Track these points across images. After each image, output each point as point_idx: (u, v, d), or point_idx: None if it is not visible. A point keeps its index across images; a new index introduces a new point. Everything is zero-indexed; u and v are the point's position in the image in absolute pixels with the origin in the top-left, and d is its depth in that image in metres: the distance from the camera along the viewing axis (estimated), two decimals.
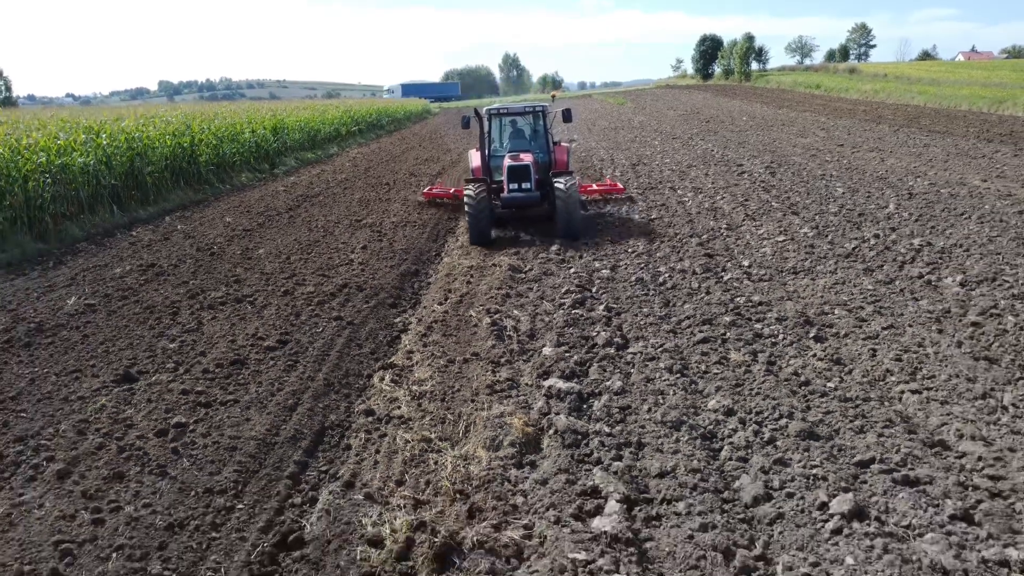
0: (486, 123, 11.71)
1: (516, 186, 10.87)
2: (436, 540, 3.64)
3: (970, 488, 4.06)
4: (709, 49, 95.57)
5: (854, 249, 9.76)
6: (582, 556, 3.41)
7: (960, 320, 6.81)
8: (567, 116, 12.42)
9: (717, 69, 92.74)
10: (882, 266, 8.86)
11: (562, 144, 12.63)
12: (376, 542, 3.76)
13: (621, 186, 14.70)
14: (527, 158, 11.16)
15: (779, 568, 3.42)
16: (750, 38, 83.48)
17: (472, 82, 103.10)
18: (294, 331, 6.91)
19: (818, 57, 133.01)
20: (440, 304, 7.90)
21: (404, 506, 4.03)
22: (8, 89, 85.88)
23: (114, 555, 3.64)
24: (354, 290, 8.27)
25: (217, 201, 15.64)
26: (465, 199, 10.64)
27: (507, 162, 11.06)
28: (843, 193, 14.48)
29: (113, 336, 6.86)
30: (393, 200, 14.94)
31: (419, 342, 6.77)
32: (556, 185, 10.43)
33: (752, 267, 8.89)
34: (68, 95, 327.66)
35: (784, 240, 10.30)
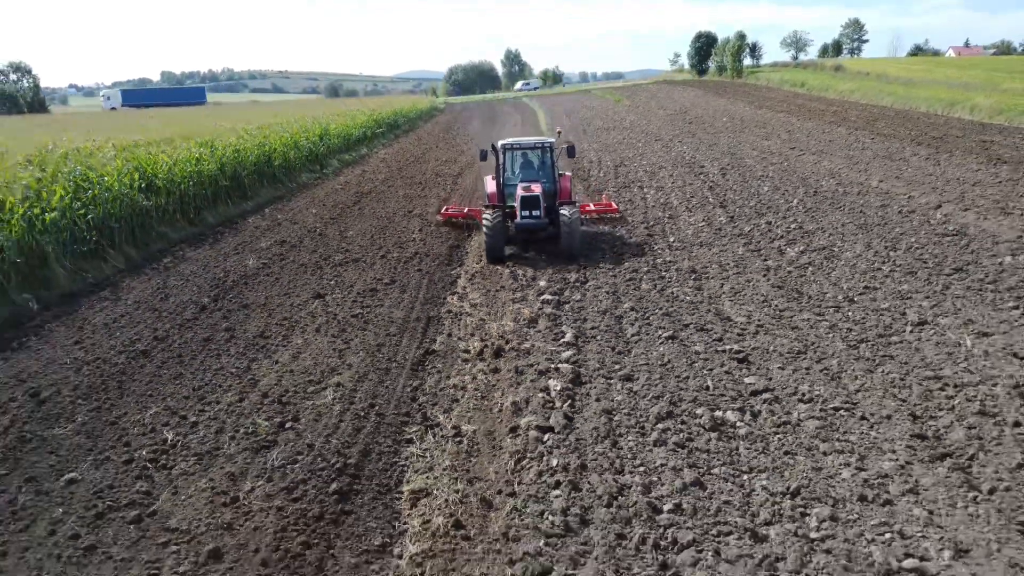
0: (501, 156, 13.74)
1: (527, 213, 12.66)
2: (492, 348, 8.78)
3: (728, 329, 9.18)
4: (704, 46, 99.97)
5: (748, 231, 14.85)
6: (554, 348, 8.56)
7: (781, 271, 11.91)
8: (571, 152, 14.54)
9: (712, 65, 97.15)
10: (759, 241, 13.96)
11: (565, 174, 14.64)
12: (467, 350, 8.90)
13: (616, 206, 16.28)
14: (537, 189, 12.85)
15: (633, 354, 8.55)
16: (742, 36, 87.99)
17: (476, 76, 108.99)
18: (397, 276, 12.04)
19: (813, 52, 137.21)
20: (477, 263, 13.02)
21: (477, 340, 9.16)
22: (37, 89, 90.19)
23: (360, 352, 8.79)
24: (423, 256, 13.40)
25: (293, 197, 20.74)
26: (483, 224, 12.64)
27: (520, 193, 12.80)
28: (767, 191, 19.53)
29: (292, 279, 12.00)
30: (429, 197, 20.02)
31: (468, 282, 11.90)
32: (562, 214, 12.49)
33: (674, 242, 14.00)
34: (71, 86, 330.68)
35: (703, 225, 15.40)
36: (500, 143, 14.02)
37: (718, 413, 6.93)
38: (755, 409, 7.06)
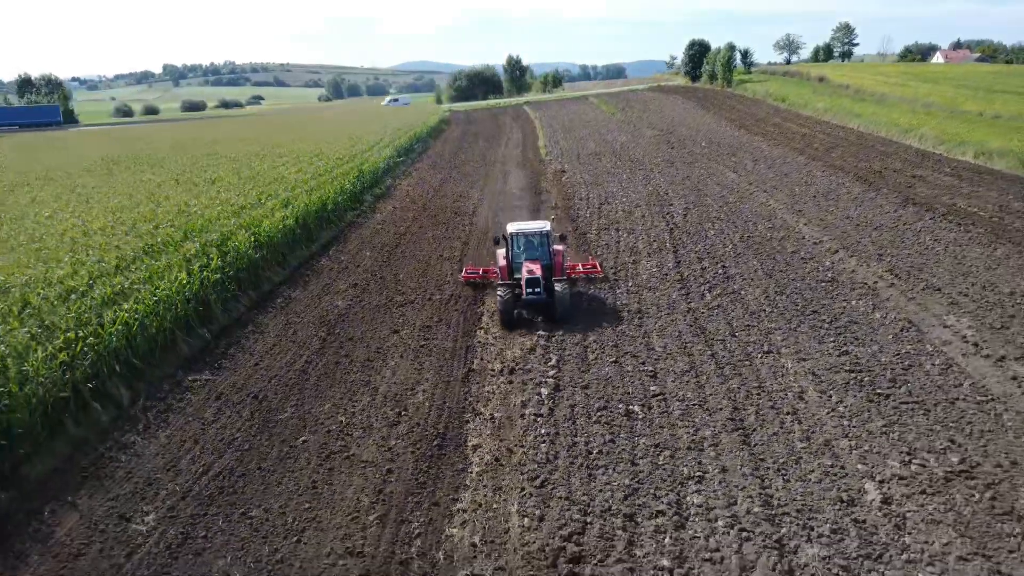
0: (509, 240, 18.53)
1: (531, 291, 17.15)
2: (508, 368, 15.05)
3: (650, 356, 15.36)
4: (697, 54, 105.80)
5: (686, 276, 20.99)
6: (544, 368, 14.81)
7: (697, 312, 18.09)
8: (563, 238, 20.38)
9: (704, 73, 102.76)
10: (691, 286, 20.11)
11: (559, 249, 18.97)
12: (492, 369, 15.15)
13: (600, 269, 20.77)
14: (538, 270, 17.21)
15: (590, 372, 14.75)
16: (731, 48, 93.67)
17: (479, 83, 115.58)
18: (442, 316, 18.25)
19: (806, 52, 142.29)
20: (495, 304, 19.21)
21: (498, 363, 15.40)
22: (67, 101, 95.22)
23: (431, 371, 15.01)
24: (458, 298, 19.61)
25: (346, 238, 26.91)
26: (498, 299, 17.31)
27: (525, 274, 17.17)
28: (712, 235, 25.61)
29: (372, 317, 18.21)
30: (453, 238, 26.18)
31: (490, 319, 18.12)
32: (556, 289, 17.11)
33: (632, 286, 20.19)
34: (74, 79, 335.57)
35: (656, 270, 21.56)
36: (509, 230, 18.83)
37: (630, 407, 13.15)
38: (651, 405, 13.28)
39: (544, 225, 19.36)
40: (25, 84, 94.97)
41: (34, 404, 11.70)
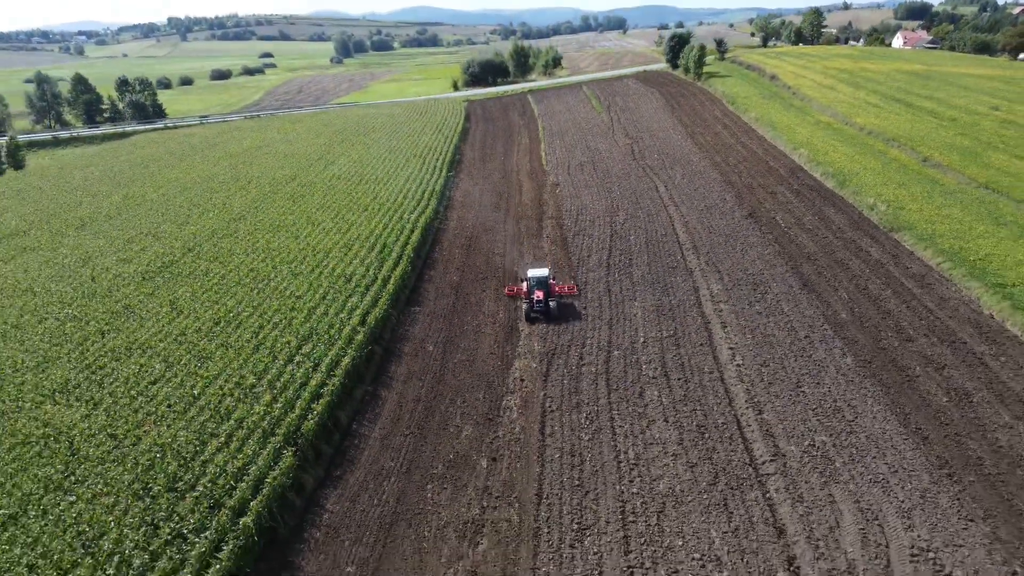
0: (528, 278, 41.14)
1: (539, 306, 39.15)
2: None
3: (584, 315, 42.11)
4: (677, 45, 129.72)
5: (610, 264, 47.45)
6: (545, 323, 41.73)
7: (611, 284, 44.73)
8: (554, 278, 44.76)
9: (680, 64, 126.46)
10: (611, 270, 46.60)
11: (552, 283, 41.53)
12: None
13: (576, 290, 42.80)
14: (541, 295, 39.39)
15: (560, 323, 41.58)
16: (702, 48, 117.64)
17: (490, 69, 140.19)
18: (504, 285, 44.86)
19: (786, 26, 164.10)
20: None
21: (527, 305, 42.24)
22: (154, 95, 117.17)
23: (502, 314, 41.86)
24: (509, 280, 46.22)
25: (439, 240, 53.35)
26: (522, 308, 40.65)
27: (535, 297, 39.39)
28: (631, 239, 51.91)
29: (473, 285, 45.01)
30: (496, 240, 52.63)
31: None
32: (550, 305, 39.39)
33: (583, 270, 46.77)
34: (80, 33, 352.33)
35: (597, 261, 48.11)
36: (528, 274, 41.65)
37: (568, 338, 39.89)
38: (581, 319, 39.97)
39: (545, 270, 44.65)
40: (123, 84, 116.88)
41: (382, 318, 38.38)
